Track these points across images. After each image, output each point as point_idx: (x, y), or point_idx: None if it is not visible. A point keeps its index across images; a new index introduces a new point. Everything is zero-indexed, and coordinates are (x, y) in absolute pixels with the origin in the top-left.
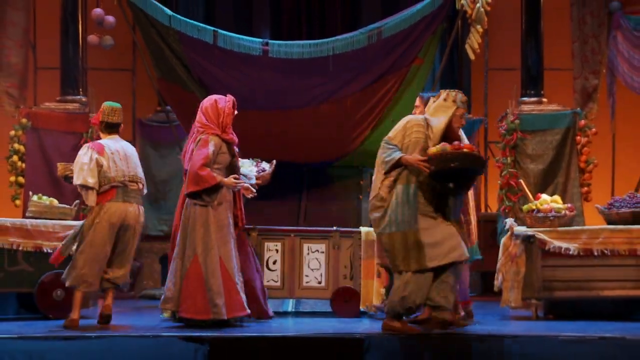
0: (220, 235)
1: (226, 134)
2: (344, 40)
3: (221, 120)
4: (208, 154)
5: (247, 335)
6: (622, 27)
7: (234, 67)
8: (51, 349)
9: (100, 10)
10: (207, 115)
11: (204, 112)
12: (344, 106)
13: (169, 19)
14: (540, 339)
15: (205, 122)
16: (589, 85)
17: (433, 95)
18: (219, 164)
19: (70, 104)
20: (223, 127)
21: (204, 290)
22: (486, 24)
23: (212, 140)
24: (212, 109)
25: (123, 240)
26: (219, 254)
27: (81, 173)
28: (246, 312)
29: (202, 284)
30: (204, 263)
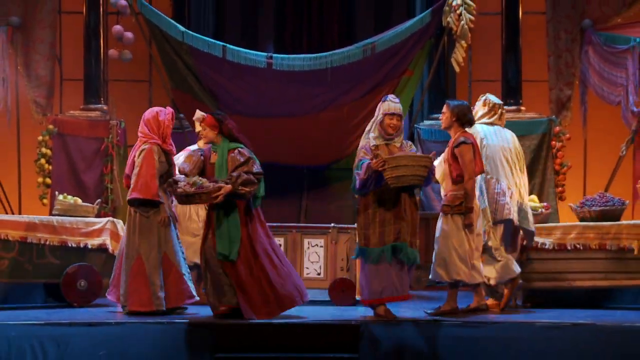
0: (164, 234)
1: (166, 144)
2: (341, 54)
3: (161, 131)
4: (156, 165)
5: (251, 322)
6: (593, 43)
7: (241, 78)
8: (75, 334)
9: (120, 27)
10: (149, 126)
11: (146, 123)
12: (342, 114)
13: (182, 34)
14: (519, 325)
15: (147, 132)
16: (563, 96)
17: (460, 104)
18: (158, 172)
19: (92, 112)
20: (163, 138)
21: (148, 285)
22: (470, 40)
23: (154, 149)
24: (154, 121)
25: None
26: (163, 250)
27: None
28: (193, 299)
29: (145, 280)
30: (147, 261)
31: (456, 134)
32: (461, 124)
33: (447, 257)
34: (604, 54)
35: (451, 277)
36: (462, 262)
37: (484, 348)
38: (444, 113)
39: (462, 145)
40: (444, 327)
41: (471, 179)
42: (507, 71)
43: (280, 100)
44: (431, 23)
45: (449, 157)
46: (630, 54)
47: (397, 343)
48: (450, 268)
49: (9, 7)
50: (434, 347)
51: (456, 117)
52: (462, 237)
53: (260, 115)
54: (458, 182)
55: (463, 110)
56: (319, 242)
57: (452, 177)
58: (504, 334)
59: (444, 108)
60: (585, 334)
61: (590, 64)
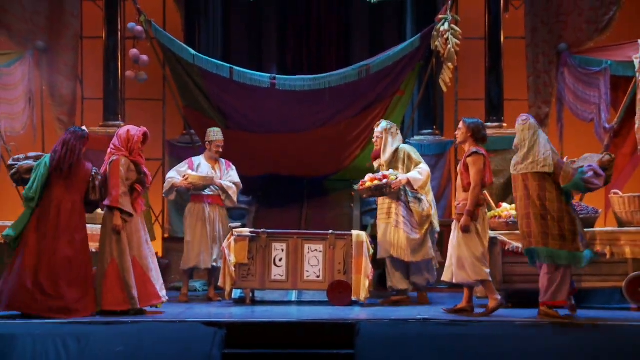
0: (135, 239)
1: (133, 156)
2: (338, 75)
3: (130, 145)
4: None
5: (257, 321)
6: (569, 65)
7: (247, 97)
8: (95, 332)
9: (136, 50)
10: (120, 140)
11: (118, 137)
12: (339, 130)
13: (192, 57)
14: (500, 323)
15: (117, 145)
16: (542, 113)
17: (475, 122)
18: (128, 180)
19: (111, 129)
20: (130, 151)
21: (122, 285)
22: (456, 62)
23: (122, 161)
24: (125, 136)
25: None
26: (133, 254)
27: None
28: (160, 299)
29: (120, 281)
30: (120, 264)
31: (469, 147)
32: (475, 140)
33: (466, 261)
34: (579, 75)
35: (474, 278)
36: (480, 263)
37: (470, 345)
38: (459, 129)
39: (473, 154)
40: (432, 325)
41: (477, 187)
42: (490, 91)
43: (282, 118)
44: (421, 47)
45: (461, 167)
46: (602, 75)
47: (390, 340)
48: (471, 270)
49: (35, 33)
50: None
51: (471, 133)
52: (477, 240)
53: (265, 131)
54: (468, 190)
55: (478, 127)
56: (318, 248)
57: (463, 186)
58: (487, 332)
59: (460, 124)
60: (560, 331)
61: (566, 84)
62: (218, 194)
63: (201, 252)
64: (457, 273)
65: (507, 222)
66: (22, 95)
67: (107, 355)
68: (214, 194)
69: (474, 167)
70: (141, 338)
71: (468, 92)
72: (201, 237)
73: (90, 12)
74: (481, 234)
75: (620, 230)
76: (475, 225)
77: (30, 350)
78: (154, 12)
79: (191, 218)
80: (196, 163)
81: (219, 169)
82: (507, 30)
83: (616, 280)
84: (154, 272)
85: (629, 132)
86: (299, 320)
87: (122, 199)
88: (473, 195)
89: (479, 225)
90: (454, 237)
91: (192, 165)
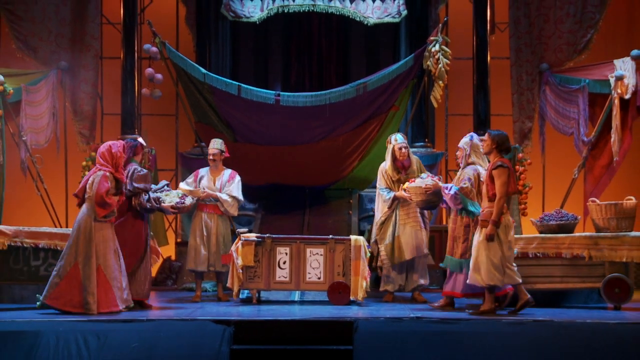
0: (102, 247)
1: (118, 173)
2: (338, 92)
3: (114, 162)
4: (109, 187)
5: (263, 319)
6: (550, 83)
7: (253, 112)
8: (113, 329)
9: (152, 69)
10: (103, 157)
11: (101, 155)
12: (338, 143)
13: (203, 76)
14: (488, 321)
15: (102, 162)
16: (525, 127)
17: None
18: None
19: None
20: (116, 167)
21: (81, 290)
22: (446, 80)
23: (107, 176)
24: (108, 153)
25: None
26: (98, 262)
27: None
28: (118, 307)
29: (79, 285)
30: (82, 269)
31: (495, 159)
32: (499, 151)
33: (482, 265)
34: (559, 93)
35: (486, 282)
36: (496, 269)
37: (458, 341)
38: (484, 140)
39: (499, 167)
40: (423, 322)
41: (502, 198)
42: (477, 106)
43: (286, 131)
44: (414, 66)
45: (486, 178)
46: (581, 92)
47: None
48: (485, 274)
49: (58, 53)
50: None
51: (496, 145)
52: (496, 247)
53: (270, 143)
54: (493, 200)
55: (502, 139)
56: (319, 251)
57: (488, 196)
58: (475, 329)
59: (485, 136)
60: (544, 328)
61: (548, 101)
62: (216, 204)
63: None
64: (472, 275)
65: None
66: (46, 111)
67: (124, 351)
68: (212, 203)
69: (499, 179)
70: (156, 335)
71: (457, 107)
72: (199, 243)
73: (109, 35)
74: (503, 240)
75: (597, 235)
76: (497, 234)
77: (53, 345)
78: (168, 34)
79: (192, 225)
80: (200, 175)
81: (220, 181)
82: (493, 51)
83: (594, 282)
84: (117, 282)
85: (606, 144)
86: (302, 318)
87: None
88: (498, 205)
89: (500, 232)
90: (475, 241)
91: (196, 177)
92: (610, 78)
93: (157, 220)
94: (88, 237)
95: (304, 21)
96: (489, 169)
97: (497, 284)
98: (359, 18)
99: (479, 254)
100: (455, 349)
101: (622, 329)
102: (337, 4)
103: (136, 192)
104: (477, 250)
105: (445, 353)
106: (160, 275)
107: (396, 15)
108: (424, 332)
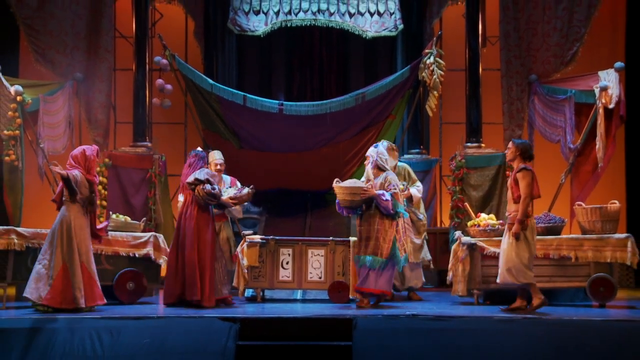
0: (84, 246)
1: (90, 175)
2: (338, 102)
3: (86, 164)
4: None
5: (267, 316)
6: (538, 93)
7: (258, 121)
8: (125, 326)
9: (162, 80)
10: (76, 160)
11: (73, 158)
12: (338, 150)
13: (211, 86)
14: (479, 318)
15: (74, 164)
16: (515, 135)
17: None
18: (81, 195)
19: (139, 149)
20: (87, 169)
21: (70, 286)
22: (440, 90)
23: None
24: (81, 156)
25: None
26: (82, 260)
27: None
28: (104, 301)
29: (69, 282)
30: (70, 268)
31: (518, 164)
32: (523, 158)
33: (513, 265)
34: (547, 102)
35: (519, 280)
36: (526, 268)
37: (452, 337)
38: (509, 148)
39: (523, 170)
40: (419, 320)
41: (526, 198)
42: (470, 115)
43: (289, 139)
44: (410, 77)
45: (511, 182)
46: (567, 102)
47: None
48: (517, 273)
49: (74, 66)
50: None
51: (520, 152)
52: (524, 247)
53: (273, 150)
54: (517, 202)
55: (525, 147)
56: (320, 252)
57: (513, 199)
58: (467, 326)
59: (510, 144)
60: (532, 325)
61: (536, 110)
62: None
63: None
64: (504, 275)
65: (486, 230)
66: (62, 120)
67: (135, 347)
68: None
69: (523, 181)
70: (165, 331)
71: (451, 116)
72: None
73: (122, 48)
74: (530, 241)
75: (583, 237)
76: (524, 234)
77: (69, 342)
78: (178, 47)
79: None
80: None
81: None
82: (484, 63)
83: (580, 281)
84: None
85: (591, 151)
86: (304, 316)
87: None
88: (523, 206)
89: (527, 233)
90: (504, 243)
91: None
92: (595, 89)
93: (167, 221)
94: (70, 237)
95: (306, 35)
96: (513, 173)
97: (529, 281)
98: (357, 32)
99: (509, 255)
100: (448, 345)
101: (607, 326)
102: (337, 18)
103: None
104: (507, 251)
105: (438, 348)
106: None
107: (393, 29)
108: (419, 329)
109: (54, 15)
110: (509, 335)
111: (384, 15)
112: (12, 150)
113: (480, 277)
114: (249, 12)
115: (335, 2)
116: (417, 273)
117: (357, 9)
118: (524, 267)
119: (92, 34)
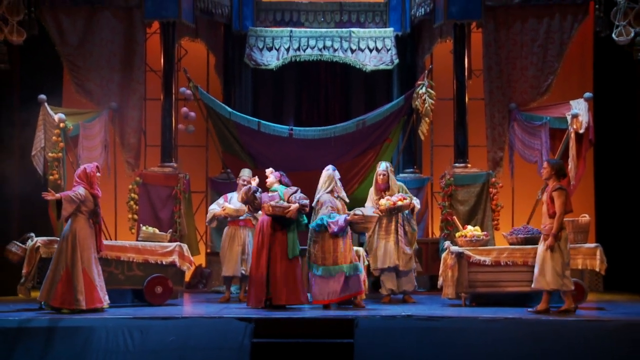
0: (86, 254)
1: (93, 189)
2: (341, 127)
3: (88, 180)
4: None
5: (278, 317)
6: (518, 120)
7: (271, 144)
8: (153, 325)
9: (186, 108)
10: (80, 177)
11: (78, 176)
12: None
13: (229, 114)
14: (467, 319)
15: (78, 180)
16: (497, 156)
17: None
18: (86, 207)
19: (166, 168)
20: (90, 184)
21: (72, 289)
22: (431, 117)
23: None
24: (83, 174)
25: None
26: (83, 266)
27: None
28: (102, 303)
29: (70, 286)
30: (72, 273)
31: (553, 183)
32: (557, 177)
33: (547, 272)
34: (525, 128)
35: (551, 287)
36: (559, 276)
37: (443, 335)
38: (545, 168)
39: (558, 190)
40: (414, 320)
41: (561, 215)
42: (458, 139)
43: (298, 160)
44: (404, 105)
45: (547, 199)
46: (543, 128)
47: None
48: (551, 280)
49: (109, 96)
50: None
51: (555, 171)
52: (558, 257)
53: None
54: (552, 217)
55: (560, 166)
56: None
57: (549, 214)
58: (457, 326)
59: (545, 164)
60: (513, 325)
61: (516, 135)
62: (250, 218)
63: (236, 264)
64: (539, 280)
65: (472, 240)
66: (99, 144)
67: (162, 343)
68: (246, 218)
69: (559, 200)
70: (189, 330)
71: (441, 139)
72: (235, 253)
73: (151, 80)
74: (563, 252)
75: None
76: (558, 245)
77: (104, 338)
78: (200, 80)
79: (228, 239)
80: (229, 197)
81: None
82: (470, 93)
83: None
84: (98, 282)
85: None
86: (311, 316)
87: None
88: (558, 222)
89: (561, 244)
90: (540, 252)
91: (226, 199)
92: (567, 116)
93: (190, 232)
94: (74, 245)
95: (313, 68)
96: (549, 191)
97: (559, 288)
98: (358, 66)
99: (545, 263)
100: (440, 342)
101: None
102: (340, 54)
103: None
104: (542, 260)
105: (432, 345)
106: (193, 280)
107: (389, 63)
108: (414, 328)
109: (92, 53)
110: (494, 333)
111: (382, 51)
112: (56, 170)
113: (467, 282)
114: (262, 49)
115: (339, 40)
116: (408, 278)
117: (358, 45)
118: (556, 276)
119: (125, 68)
